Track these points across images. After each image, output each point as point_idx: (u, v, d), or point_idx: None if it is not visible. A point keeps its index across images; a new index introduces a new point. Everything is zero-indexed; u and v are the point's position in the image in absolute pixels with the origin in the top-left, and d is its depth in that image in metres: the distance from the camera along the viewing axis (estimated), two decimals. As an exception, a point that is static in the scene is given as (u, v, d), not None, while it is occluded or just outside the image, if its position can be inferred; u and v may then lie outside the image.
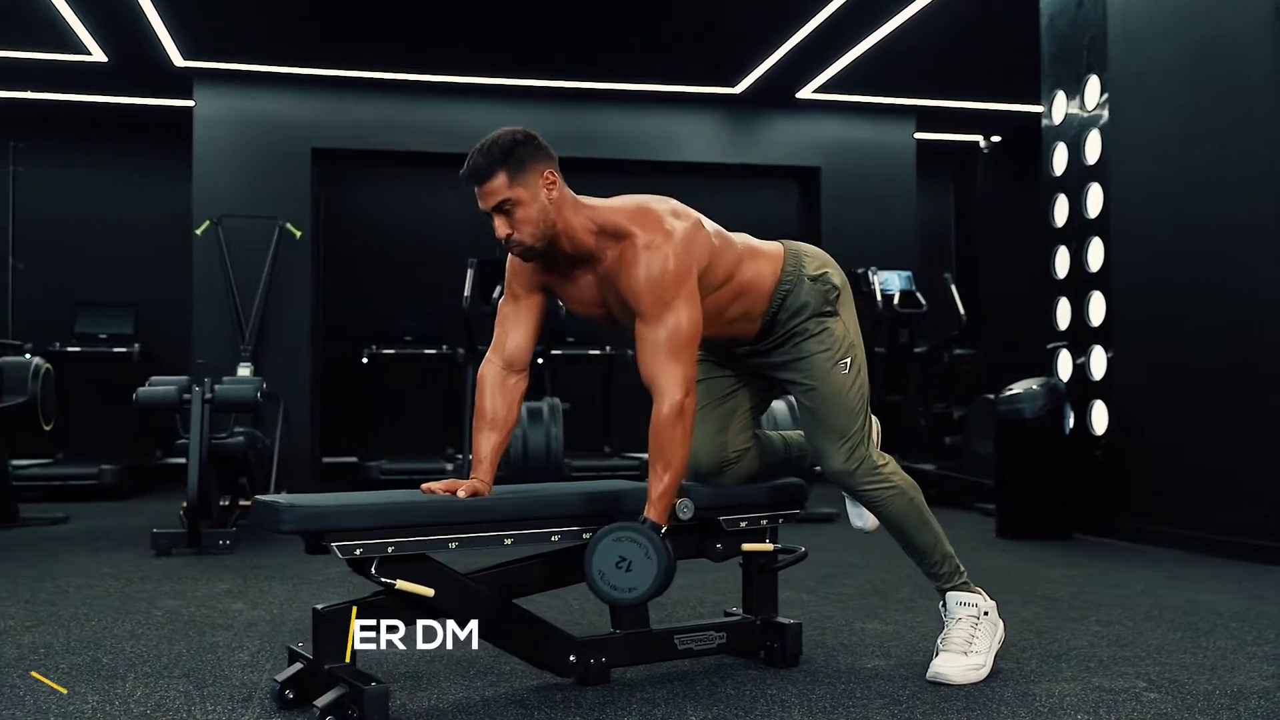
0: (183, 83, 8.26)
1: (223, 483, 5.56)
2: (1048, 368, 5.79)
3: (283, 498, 2.28)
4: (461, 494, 2.41)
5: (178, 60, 7.98)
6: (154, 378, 5.25)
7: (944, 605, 2.75)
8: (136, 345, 8.49)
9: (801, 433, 2.81)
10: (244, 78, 8.29)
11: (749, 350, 2.70)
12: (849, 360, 2.64)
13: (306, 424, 8.31)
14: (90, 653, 2.97)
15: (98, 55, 7.82)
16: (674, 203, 2.53)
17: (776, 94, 8.86)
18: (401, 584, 2.29)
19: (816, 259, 2.70)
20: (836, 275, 2.69)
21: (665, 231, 2.42)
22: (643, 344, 2.41)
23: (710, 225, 2.57)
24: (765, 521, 2.78)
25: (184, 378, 5.20)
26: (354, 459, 8.72)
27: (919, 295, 7.93)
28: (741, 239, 2.67)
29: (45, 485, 7.61)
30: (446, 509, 2.36)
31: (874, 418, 2.96)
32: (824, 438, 2.65)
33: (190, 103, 8.30)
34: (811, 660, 2.86)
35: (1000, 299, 9.73)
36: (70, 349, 8.48)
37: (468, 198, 2.51)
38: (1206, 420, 4.92)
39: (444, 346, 8.68)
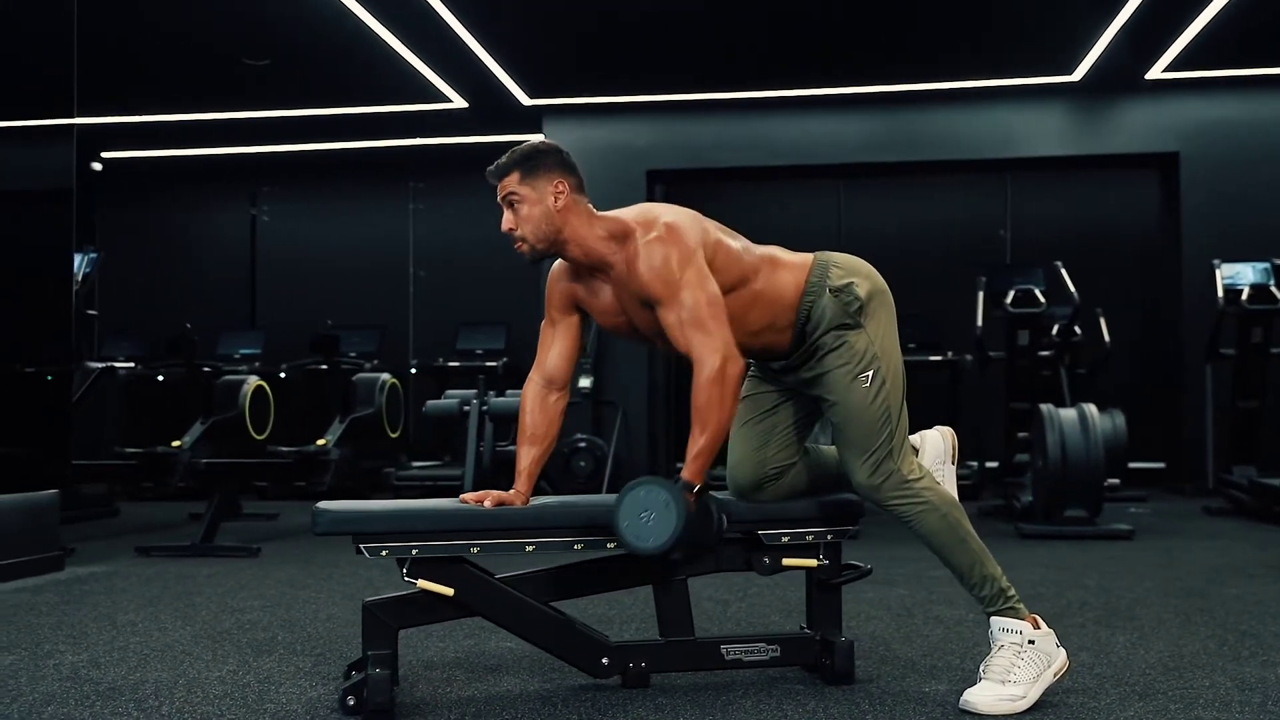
0: (533, 119, 9.09)
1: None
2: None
3: (322, 504, 2.62)
4: (487, 504, 2.64)
5: (524, 100, 8.80)
6: (448, 391, 5.90)
7: (989, 630, 2.61)
8: (504, 359, 9.43)
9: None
10: (582, 110, 8.98)
11: (783, 365, 2.72)
12: (870, 374, 2.59)
13: (645, 430, 8.83)
14: (274, 631, 3.51)
15: (459, 103, 8.81)
16: (675, 206, 2.64)
17: (1122, 77, 8.26)
18: (423, 583, 2.57)
19: (844, 269, 2.67)
20: (864, 286, 2.65)
21: (663, 224, 2.54)
22: (669, 330, 2.52)
23: (718, 229, 2.63)
24: (812, 537, 2.77)
25: (469, 391, 5.80)
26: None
27: (1275, 290, 7.07)
28: (764, 250, 2.70)
29: (421, 485, 8.65)
30: (464, 516, 2.61)
31: (948, 430, 2.87)
32: (848, 452, 2.62)
33: (540, 137, 9.10)
34: (875, 679, 2.82)
35: None
36: (451, 364, 9.58)
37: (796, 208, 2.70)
38: None
39: (949, 353, 8.88)
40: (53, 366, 5.08)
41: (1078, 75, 8.28)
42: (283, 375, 9.11)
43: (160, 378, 9.14)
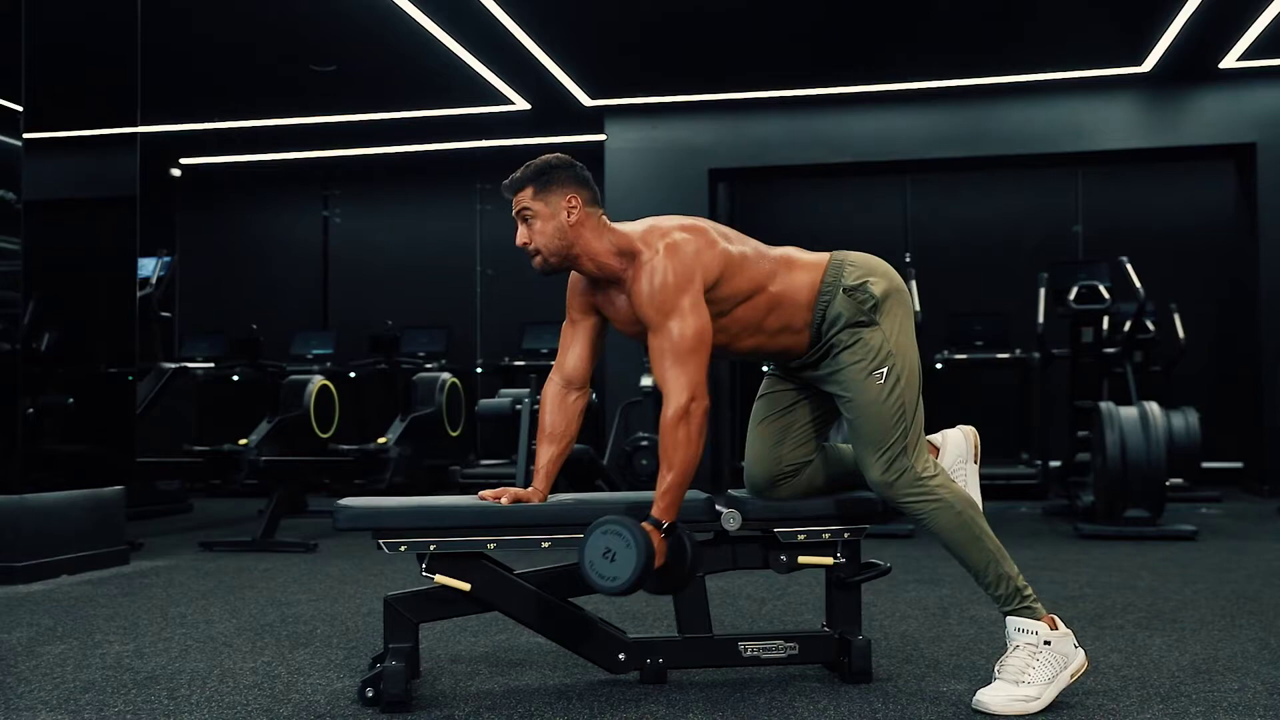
0: (595, 120, 9.14)
1: (574, 483, 6.17)
2: None
3: (343, 500, 2.69)
4: (504, 501, 2.69)
5: (586, 101, 8.87)
6: (502, 390, 5.98)
7: (1006, 630, 2.58)
8: (568, 359, 9.49)
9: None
10: (644, 110, 9.01)
11: (800, 364, 2.73)
12: (884, 370, 2.59)
13: (708, 429, 8.81)
14: (315, 624, 3.60)
15: (521, 105, 8.90)
16: (684, 219, 2.65)
17: (1194, 66, 8.06)
18: (440, 578, 2.63)
19: (860, 268, 2.66)
20: (879, 285, 2.64)
21: (667, 246, 2.55)
22: (651, 354, 2.55)
23: (727, 237, 2.64)
24: (828, 535, 2.77)
25: (522, 390, 5.86)
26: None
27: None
28: (780, 252, 2.70)
29: (485, 482, 8.77)
30: (479, 513, 2.65)
31: (970, 429, 2.85)
32: (863, 448, 2.62)
33: (603, 137, 9.16)
34: (895, 678, 2.80)
35: None
36: (516, 363, 9.67)
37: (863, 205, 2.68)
38: None
39: (1017, 350, 8.83)
40: (117, 367, 5.25)
41: (1148, 66, 8.10)
42: (352, 375, 9.29)
43: (236, 378, 9.39)
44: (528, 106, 8.93)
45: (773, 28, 7.52)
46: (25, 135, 4.69)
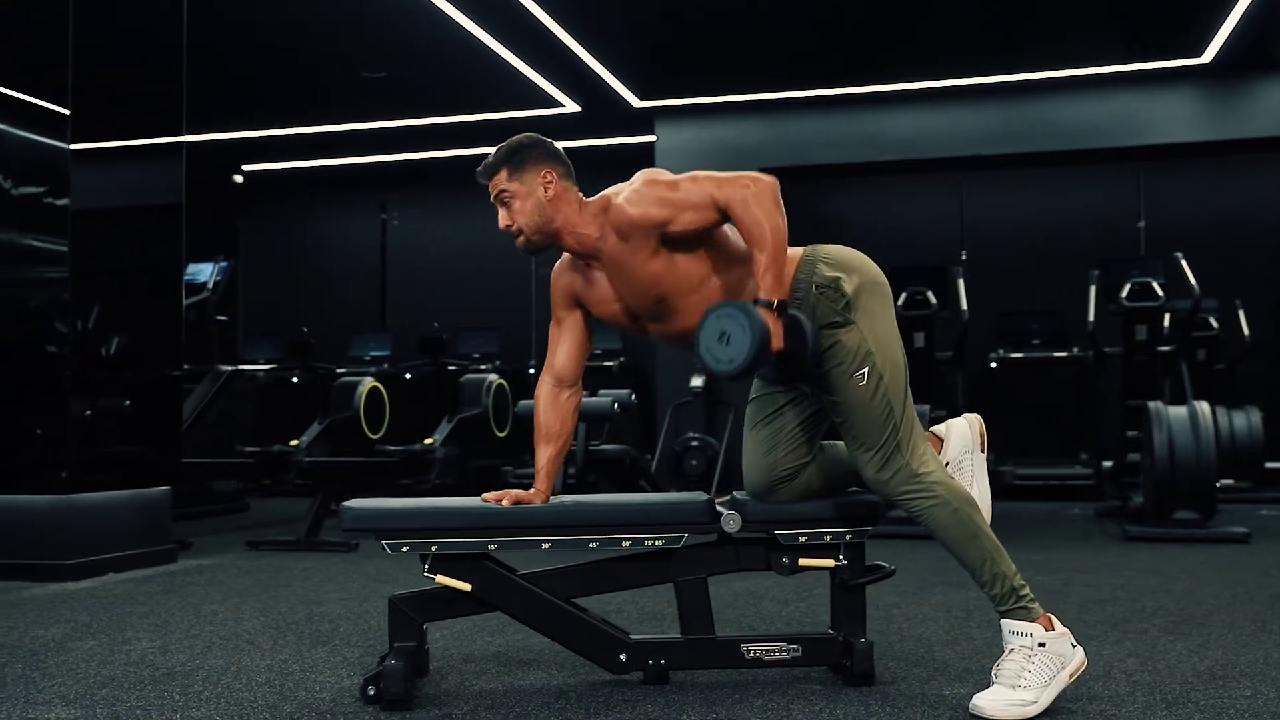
0: (646, 121, 9.17)
1: (618, 485, 6.21)
2: None
3: (349, 501, 2.73)
4: (505, 502, 2.72)
5: (636, 103, 8.89)
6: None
7: (1002, 632, 2.55)
8: (621, 359, 9.55)
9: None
10: (693, 110, 9.02)
11: (781, 363, 2.71)
12: (865, 370, 2.56)
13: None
14: (339, 622, 3.66)
15: (572, 107, 8.96)
16: None
17: (1257, 56, 7.88)
18: (441, 579, 2.67)
19: (832, 264, 2.62)
20: (851, 281, 2.60)
21: (637, 177, 2.63)
22: (701, 222, 2.54)
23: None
24: (830, 537, 2.76)
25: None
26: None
27: None
28: None
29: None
30: (481, 514, 2.68)
31: (975, 417, 2.82)
32: (856, 448, 2.60)
33: (653, 138, 9.18)
34: (899, 681, 2.79)
35: None
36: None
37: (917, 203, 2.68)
38: None
39: (1074, 349, 8.76)
40: (165, 370, 5.39)
41: (1206, 58, 7.92)
42: (407, 377, 9.42)
43: (295, 380, 9.56)
44: (578, 109, 8.99)
45: (821, 26, 7.48)
46: (73, 145, 4.83)
